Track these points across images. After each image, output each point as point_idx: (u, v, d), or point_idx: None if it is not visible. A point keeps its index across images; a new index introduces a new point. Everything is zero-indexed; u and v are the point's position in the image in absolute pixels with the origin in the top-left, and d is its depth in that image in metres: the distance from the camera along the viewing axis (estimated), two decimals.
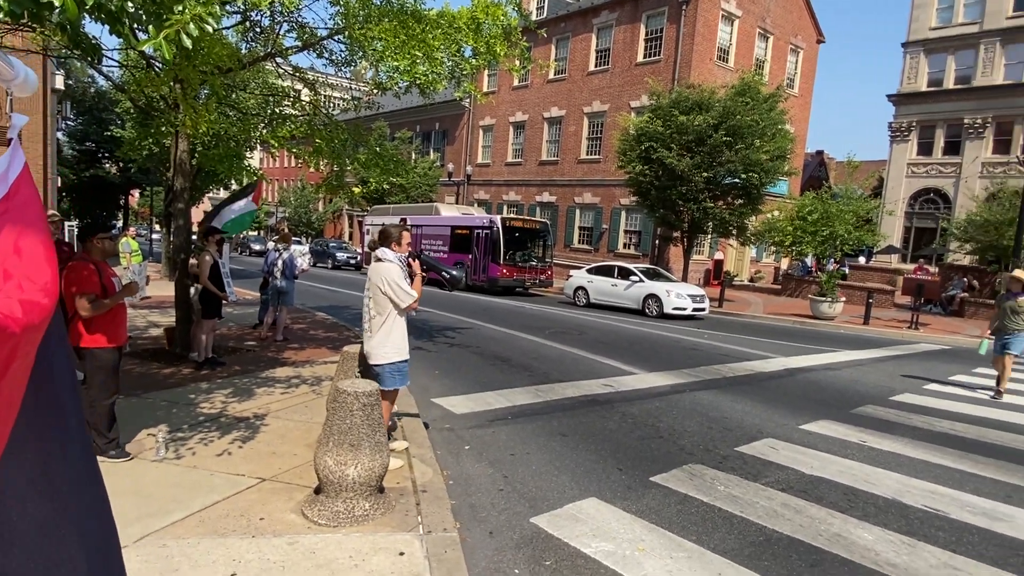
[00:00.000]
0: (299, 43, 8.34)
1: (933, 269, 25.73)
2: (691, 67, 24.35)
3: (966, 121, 30.96)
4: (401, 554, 3.24)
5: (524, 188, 33.49)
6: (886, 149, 34.08)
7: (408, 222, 26.27)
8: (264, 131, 8.99)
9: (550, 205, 31.80)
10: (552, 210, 31.55)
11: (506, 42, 7.93)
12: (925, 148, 32.80)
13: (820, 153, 45.94)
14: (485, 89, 35.29)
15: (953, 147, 31.71)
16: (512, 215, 30.25)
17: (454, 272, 6.18)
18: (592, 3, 28.69)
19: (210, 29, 2.76)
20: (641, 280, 17.56)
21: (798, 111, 29.19)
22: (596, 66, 29.13)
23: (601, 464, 4.99)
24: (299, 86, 9.66)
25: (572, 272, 20.83)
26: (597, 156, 29.22)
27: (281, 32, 8.54)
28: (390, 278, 4.34)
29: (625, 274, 18.17)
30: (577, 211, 30.47)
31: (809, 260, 25.25)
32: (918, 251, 31.63)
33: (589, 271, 19.58)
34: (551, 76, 31.27)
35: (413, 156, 37.75)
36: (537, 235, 23.38)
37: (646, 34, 26.67)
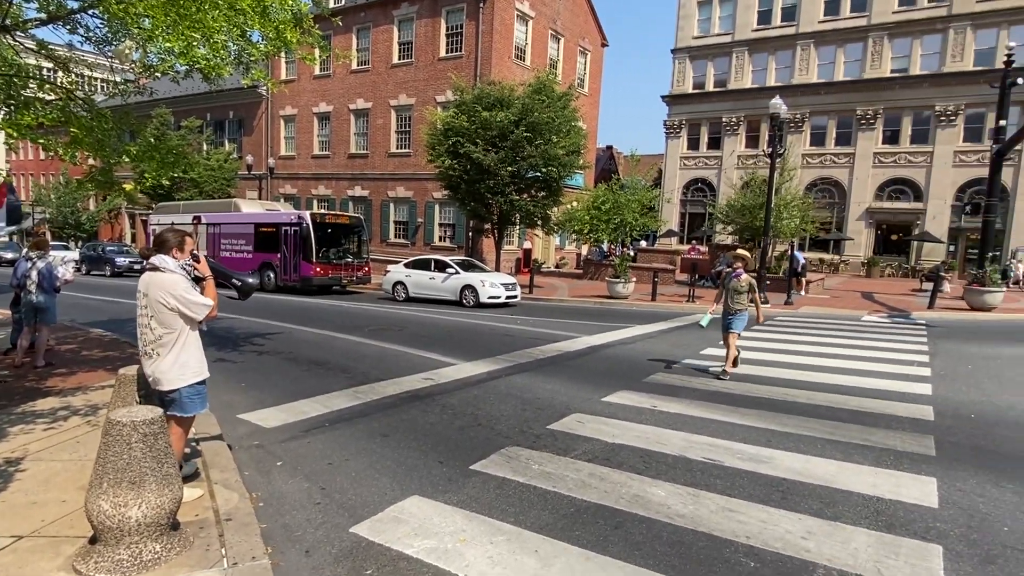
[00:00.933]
0: (43, 15, 7.05)
1: (704, 248, 29.72)
2: (491, 64, 25.19)
3: (724, 120, 36.09)
4: None
5: (334, 182, 32.14)
6: (664, 144, 38.55)
7: (204, 220, 23.83)
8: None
9: (363, 199, 30.93)
10: (365, 204, 30.72)
11: (297, 29, 7.49)
12: (693, 143, 37.65)
13: (610, 148, 50.47)
14: (284, 76, 33.12)
15: (715, 142, 36.81)
16: (323, 210, 28.95)
17: (247, 279, 5.52)
18: None
19: None
20: (457, 272, 17.87)
21: (588, 109, 31.71)
22: (400, 59, 28.84)
23: (423, 460, 4.99)
24: (49, 64, 8.18)
25: (390, 267, 20.52)
26: (407, 150, 29.02)
27: (15, 1, 7.15)
28: (176, 292, 3.83)
29: (442, 267, 18.35)
30: (391, 205, 30.02)
31: (605, 245, 27.66)
32: (692, 233, 36.29)
33: (407, 265, 19.44)
34: (354, 67, 30.30)
35: (205, 147, 34.17)
36: (351, 230, 22.60)
37: (447, 29, 27.00)
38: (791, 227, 22.35)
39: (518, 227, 24.54)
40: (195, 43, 6.04)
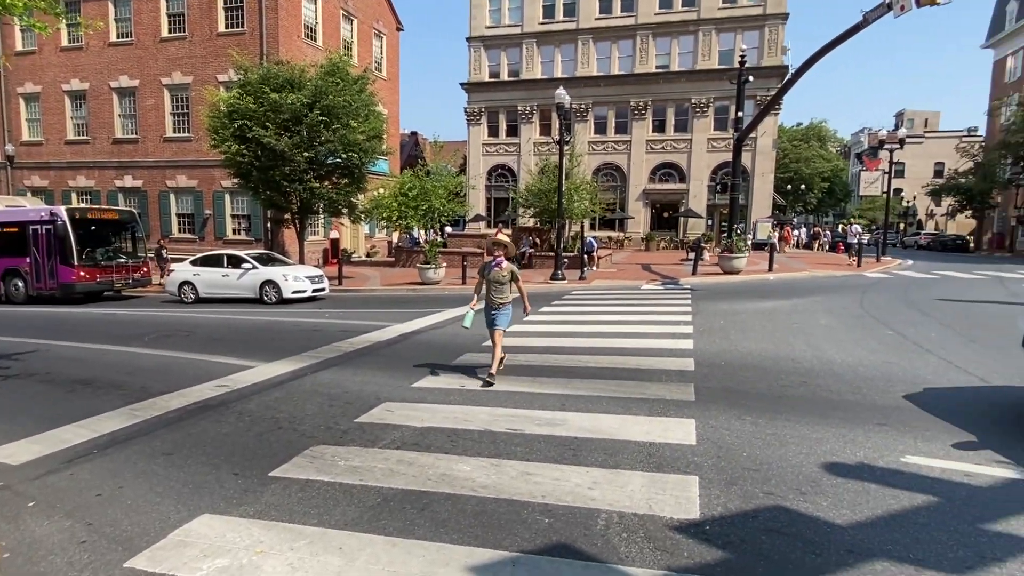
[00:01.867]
0: None
1: (508, 231, 31.10)
2: (279, 42, 23.56)
3: (520, 108, 37.89)
4: None
5: (97, 172, 27.78)
6: (467, 131, 39.40)
7: None
8: None
9: (136, 191, 27.18)
10: (140, 196, 27.05)
11: None
12: (493, 131, 39.04)
13: (415, 134, 50.31)
14: (20, 48, 27.77)
15: (513, 130, 38.55)
16: (84, 205, 24.97)
17: None
18: None
19: None
20: (255, 267, 16.60)
21: (389, 94, 31.18)
22: (171, 32, 25.66)
23: (215, 474, 4.61)
24: None
25: (174, 266, 18.38)
26: (188, 134, 26.06)
27: None
28: None
29: (236, 262, 16.92)
30: (172, 196, 26.78)
31: (416, 232, 27.65)
32: (498, 217, 37.76)
33: (194, 263, 17.59)
34: (113, 38, 26.35)
35: None
36: (122, 226, 19.78)
37: (224, 2, 24.59)
38: (582, 208, 24.31)
39: (322, 216, 23.45)
40: None
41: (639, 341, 9.16)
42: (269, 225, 24.49)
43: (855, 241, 24.76)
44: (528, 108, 37.52)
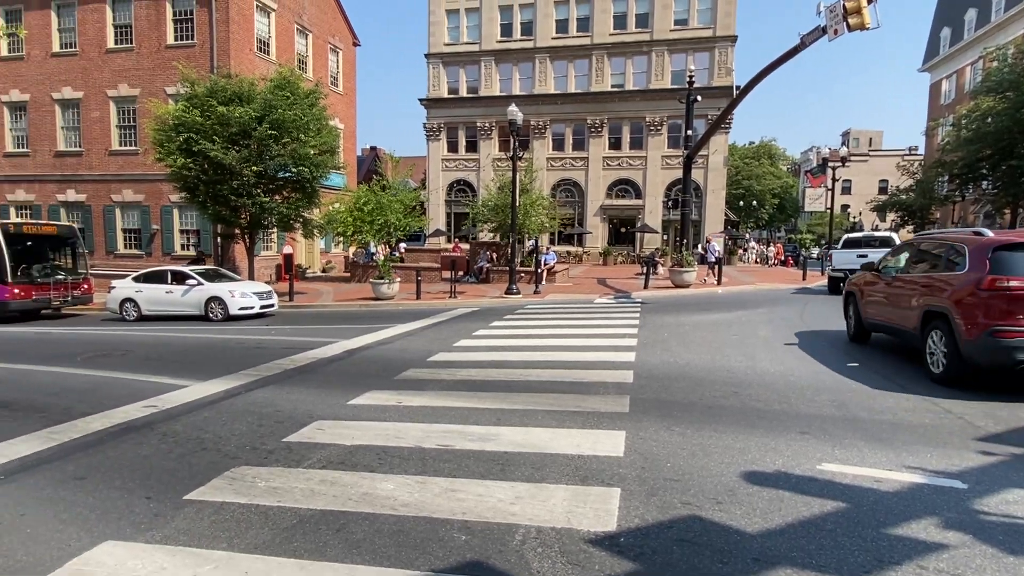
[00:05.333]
0: None
1: (465, 246, 31.12)
2: (230, 56, 23.24)
3: (479, 124, 38.13)
4: None
5: (38, 185, 26.81)
6: (426, 146, 39.40)
7: None
8: None
9: (79, 205, 26.29)
10: (83, 211, 26.17)
11: None
12: (453, 146, 39.15)
13: (374, 149, 50.09)
14: None
15: (472, 145, 38.73)
16: (20, 220, 24.00)
17: None
18: None
19: None
20: (200, 283, 16.19)
21: (345, 109, 30.99)
22: (117, 43, 25.06)
23: (125, 499, 4.42)
24: None
25: (115, 283, 17.77)
26: (135, 147, 25.40)
27: None
28: None
29: (181, 278, 16.48)
30: (117, 211, 25.99)
31: (372, 247, 27.40)
32: (458, 232, 37.77)
33: (136, 279, 17.08)
34: (56, 49, 25.57)
35: None
36: (61, 242, 19.12)
37: (175, 15, 24.19)
38: (538, 223, 24.51)
39: (275, 231, 23.05)
40: None
41: (583, 354, 9.23)
42: (218, 240, 23.93)
43: (713, 259, 23.16)
44: (487, 124, 37.79)
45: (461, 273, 22.23)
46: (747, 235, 57.47)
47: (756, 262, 37.94)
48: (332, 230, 23.03)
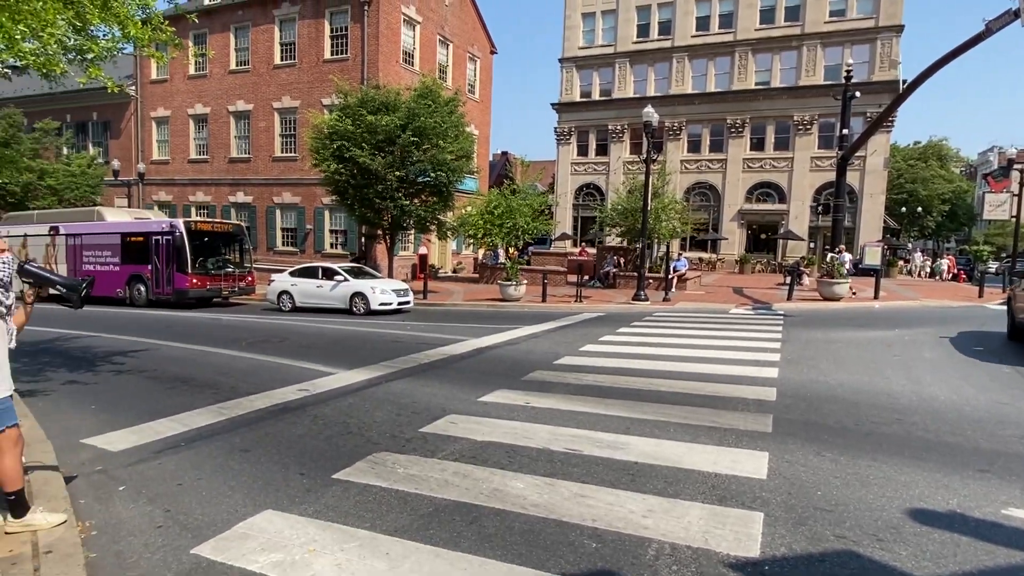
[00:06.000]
0: None
1: (592, 250, 30.87)
2: (379, 67, 24.86)
3: (610, 127, 37.71)
4: None
5: (214, 188, 30.39)
6: (555, 150, 39.68)
7: (62, 231, 21.80)
8: None
9: (246, 206, 29.46)
10: (249, 211, 29.28)
11: (148, 26, 7.05)
12: (583, 149, 39.05)
13: (505, 154, 51.28)
14: (155, 76, 30.97)
15: (603, 148, 38.39)
16: (200, 218, 27.29)
17: (80, 281, 4.89)
18: None
19: None
20: (346, 279, 17.45)
21: (480, 115, 32.03)
22: (283, 60, 27.79)
23: (283, 473, 4.84)
24: None
25: (275, 276, 19.67)
26: (294, 154, 27.98)
27: None
28: None
29: (330, 274, 17.86)
30: (277, 211, 28.81)
31: (500, 250, 28.04)
32: (584, 236, 37.62)
33: (292, 274, 18.75)
34: (232, 67, 28.86)
35: (65, 151, 31.24)
36: (232, 239, 21.47)
37: (331, 31, 26.38)
38: (670, 228, 23.73)
39: (412, 232, 24.35)
40: (17, 35, 5.52)
41: (719, 367, 8.76)
42: (363, 240, 25.71)
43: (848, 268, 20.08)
44: (618, 127, 37.30)
45: (587, 277, 22.08)
46: (910, 244, 51.64)
47: (920, 275, 34.02)
48: (464, 232, 23.87)
